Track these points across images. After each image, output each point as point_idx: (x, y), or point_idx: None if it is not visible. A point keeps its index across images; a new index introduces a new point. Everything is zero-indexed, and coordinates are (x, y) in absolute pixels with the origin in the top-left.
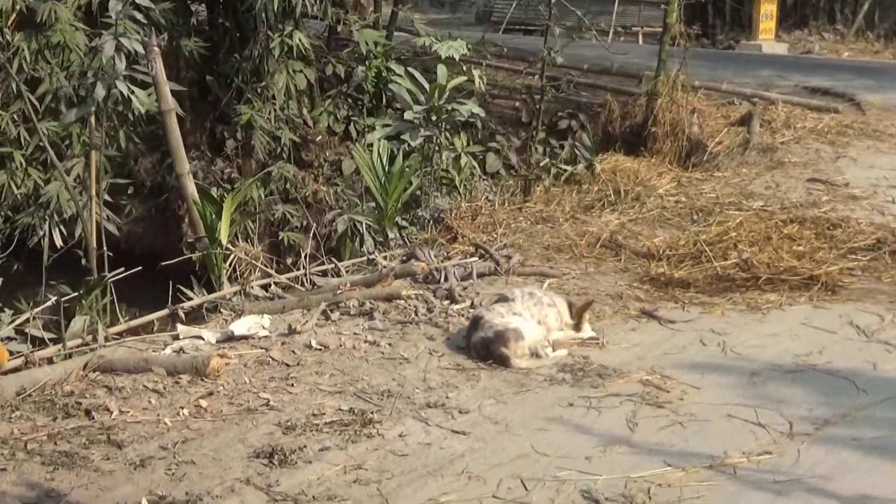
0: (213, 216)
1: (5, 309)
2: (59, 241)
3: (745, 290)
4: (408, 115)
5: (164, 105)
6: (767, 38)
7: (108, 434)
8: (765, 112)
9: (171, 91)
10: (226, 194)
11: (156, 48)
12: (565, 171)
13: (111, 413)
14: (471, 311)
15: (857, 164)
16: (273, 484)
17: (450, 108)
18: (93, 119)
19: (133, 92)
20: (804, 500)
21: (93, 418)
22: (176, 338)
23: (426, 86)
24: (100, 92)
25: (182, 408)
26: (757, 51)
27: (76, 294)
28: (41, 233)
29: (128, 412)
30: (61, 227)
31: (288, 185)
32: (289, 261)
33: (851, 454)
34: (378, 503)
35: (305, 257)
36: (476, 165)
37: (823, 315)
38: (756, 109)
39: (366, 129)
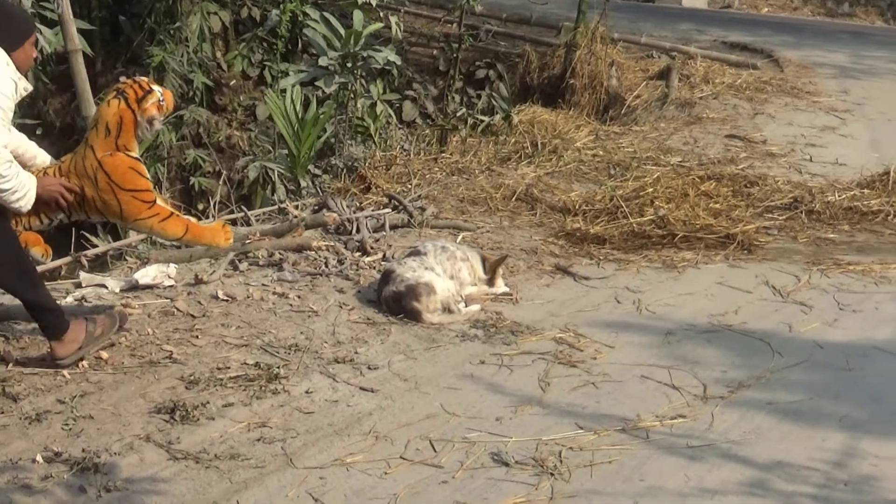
0: None
1: None
2: None
3: (661, 247)
4: (322, 62)
5: (71, 45)
6: None
7: (2, 386)
8: (683, 66)
9: (81, 30)
10: None
11: None
12: (482, 121)
13: (7, 364)
14: (383, 263)
15: (775, 121)
16: (174, 441)
17: (365, 54)
18: None
19: (40, 31)
20: (717, 465)
21: None
22: (78, 286)
23: (342, 32)
24: None
25: (82, 359)
26: (677, 4)
27: None
28: None
29: (25, 364)
30: None
31: (201, 130)
32: (200, 206)
33: (766, 419)
34: (282, 463)
35: (214, 205)
36: (392, 114)
37: (739, 274)
38: (675, 64)
39: (280, 75)
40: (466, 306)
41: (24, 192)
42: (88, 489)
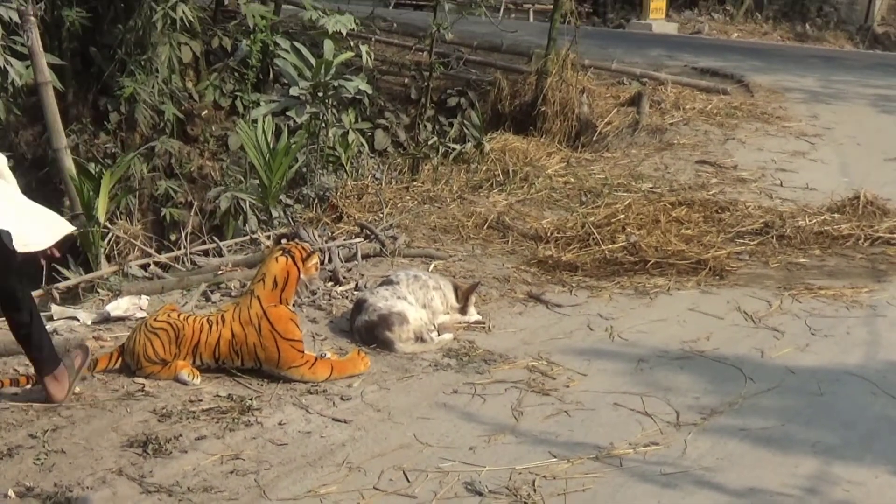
0: (91, 192)
1: None
2: None
3: (633, 273)
4: (293, 91)
5: (41, 77)
6: (658, 17)
7: None
8: (654, 92)
9: (52, 63)
10: (105, 169)
11: (32, 18)
12: (454, 149)
13: None
14: (355, 293)
15: (746, 147)
16: (146, 474)
17: (336, 84)
18: None
19: (10, 63)
20: (690, 492)
21: None
22: (50, 318)
23: (312, 61)
24: None
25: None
26: (647, 30)
27: None
28: None
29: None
30: None
31: (172, 161)
32: (173, 237)
33: (738, 445)
34: (255, 495)
35: (186, 237)
36: (364, 143)
37: (711, 300)
38: (646, 90)
39: (251, 105)
40: (439, 335)
41: None
42: None
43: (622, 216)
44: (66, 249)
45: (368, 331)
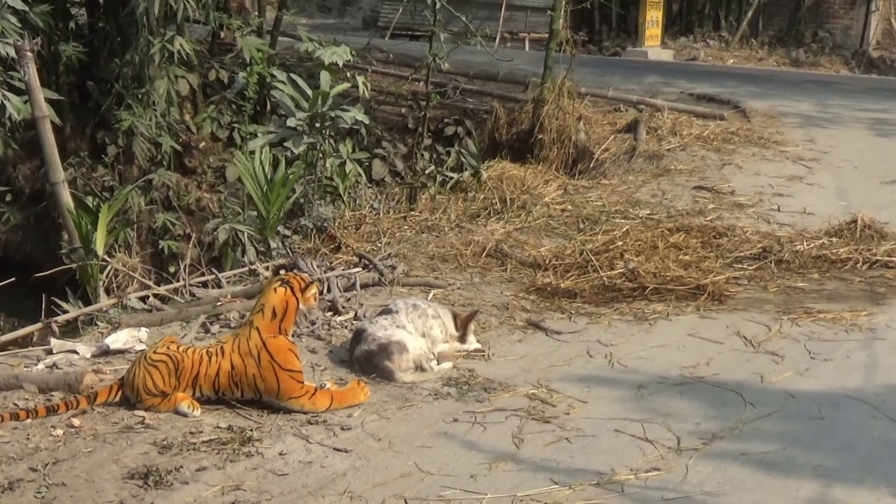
0: (89, 226)
1: None
2: None
3: (631, 300)
4: (291, 122)
5: (38, 112)
6: (653, 44)
7: None
8: (651, 119)
9: (49, 98)
10: (103, 203)
11: (29, 53)
12: (451, 178)
13: None
14: (354, 323)
15: (743, 172)
16: None
17: (333, 114)
18: None
19: (7, 98)
20: None
21: None
22: (49, 352)
23: (309, 92)
24: None
25: (54, 427)
26: (643, 57)
27: None
28: None
29: None
30: None
31: (170, 193)
32: (171, 269)
33: (739, 469)
34: None
35: (184, 268)
36: (361, 173)
37: (710, 325)
38: (642, 116)
39: (249, 136)
40: (438, 364)
41: None
42: None
43: (620, 243)
44: (67, 282)
45: (368, 360)
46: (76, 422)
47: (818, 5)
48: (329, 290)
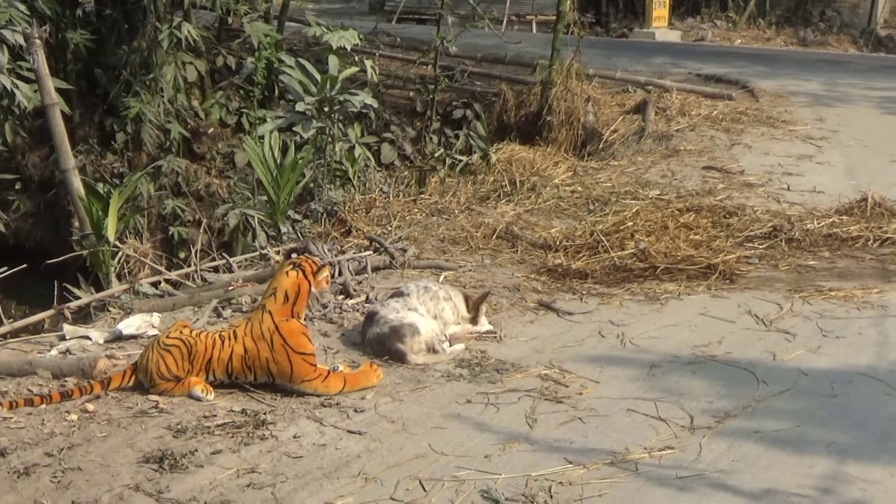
0: (100, 212)
1: None
2: None
3: (643, 280)
4: (299, 107)
5: (48, 99)
6: (661, 25)
7: None
8: (659, 100)
9: (58, 87)
10: (113, 189)
11: (37, 41)
12: (460, 161)
13: None
14: (366, 306)
15: (752, 151)
16: (163, 490)
17: (342, 98)
18: None
19: (17, 86)
20: (707, 495)
21: None
22: (62, 338)
23: (318, 77)
24: None
25: (68, 412)
26: (650, 38)
27: None
28: None
29: (11, 417)
30: None
31: (179, 179)
32: (182, 255)
33: (753, 447)
34: None
35: (195, 254)
36: (370, 156)
37: (722, 304)
38: (651, 97)
39: (257, 122)
40: (450, 346)
41: None
42: None
43: (630, 223)
44: (79, 268)
45: (380, 343)
46: (90, 407)
47: None
48: (340, 274)
